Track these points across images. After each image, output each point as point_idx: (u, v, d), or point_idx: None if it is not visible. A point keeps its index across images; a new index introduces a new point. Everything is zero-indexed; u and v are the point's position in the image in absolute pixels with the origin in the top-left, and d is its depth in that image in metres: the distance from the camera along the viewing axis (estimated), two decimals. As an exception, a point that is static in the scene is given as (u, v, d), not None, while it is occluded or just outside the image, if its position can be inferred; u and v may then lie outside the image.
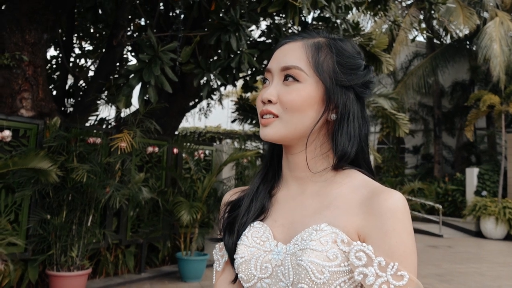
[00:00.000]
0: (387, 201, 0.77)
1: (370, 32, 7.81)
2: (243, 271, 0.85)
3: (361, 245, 0.76)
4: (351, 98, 0.87)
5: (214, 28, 5.38)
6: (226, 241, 0.93)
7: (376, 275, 0.73)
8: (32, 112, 5.04)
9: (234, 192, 1.02)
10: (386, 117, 9.17)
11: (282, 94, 0.85)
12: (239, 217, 0.92)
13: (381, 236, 0.75)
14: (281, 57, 0.88)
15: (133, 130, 5.00)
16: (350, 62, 0.88)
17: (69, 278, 4.87)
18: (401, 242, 0.75)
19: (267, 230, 0.88)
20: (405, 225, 0.76)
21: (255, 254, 0.85)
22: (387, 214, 0.76)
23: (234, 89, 13.32)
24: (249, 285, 0.85)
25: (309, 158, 0.87)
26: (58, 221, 4.92)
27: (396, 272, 0.73)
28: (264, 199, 0.93)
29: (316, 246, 0.76)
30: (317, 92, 0.84)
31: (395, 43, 15.05)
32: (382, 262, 0.73)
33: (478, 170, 13.17)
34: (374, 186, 0.82)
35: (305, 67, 0.85)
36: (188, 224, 6.04)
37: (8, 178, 4.63)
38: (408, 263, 0.74)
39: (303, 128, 0.85)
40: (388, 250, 0.74)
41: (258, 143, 12.39)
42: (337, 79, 0.85)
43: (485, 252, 9.83)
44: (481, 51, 12.57)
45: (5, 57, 4.65)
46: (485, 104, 12.08)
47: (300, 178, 0.89)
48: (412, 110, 17.77)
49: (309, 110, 0.84)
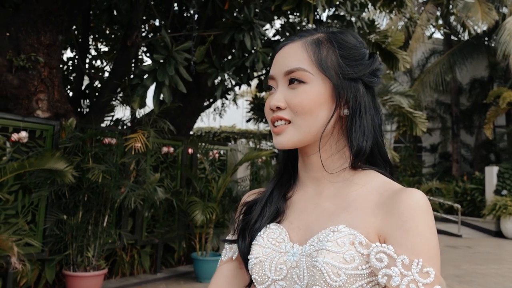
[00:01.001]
0: (407, 200, 0.73)
1: (386, 30, 7.72)
2: (256, 272, 0.82)
3: (380, 246, 0.72)
4: (360, 90, 0.84)
5: (228, 27, 5.36)
6: (239, 245, 0.90)
7: (401, 274, 0.69)
8: (48, 113, 5.08)
9: (252, 193, 1.00)
10: (403, 116, 9.05)
11: (289, 98, 0.82)
12: (251, 222, 0.90)
13: (402, 235, 0.72)
14: (282, 61, 0.85)
15: (147, 130, 5.01)
16: (353, 53, 0.84)
17: (86, 278, 4.90)
18: (424, 240, 0.71)
19: (283, 231, 0.85)
20: (428, 222, 0.73)
21: (270, 255, 0.82)
22: (408, 213, 0.72)
23: (248, 89, 13.30)
24: (262, 287, 0.82)
25: (325, 157, 0.84)
26: (74, 222, 4.95)
27: (422, 269, 0.68)
28: (278, 202, 0.91)
29: (332, 247, 0.73)
30: (325, 90, 0.82)
31: (411, 40, 14.87)
32: (406, 260, 0.69)
33: (498, 168, 12.91)
34: (394, 186, 0.79)
35: (309, 67, 0.82)
36: (203, 224, 6.03)
37: (25, 179, 4.67)
38: (432, 260, 0.70)
39: (316, 129, 0.82)
40: (411, 248, 0.70)
41: (273, 143, 12.37)
42: (343, 73, 0.82)
43: (506, 252, 9.64)
44: (500, 47, 12.34)
45: (21, 59, 4.70)
46: (505, 101, 11.86)
47: (317, 179, 0.87)
48: (429, 108, 17.55)
49: (320, 110, 0.81)
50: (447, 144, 18.04)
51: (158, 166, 6.34)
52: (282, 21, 7.69)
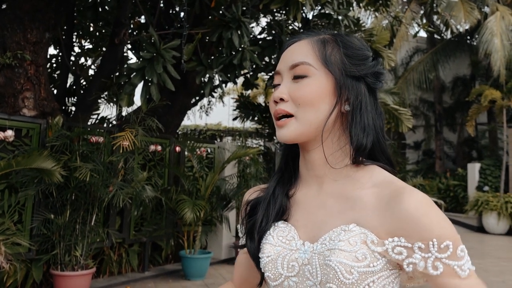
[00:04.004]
0: (410, 205, 0.75)
1: (371, 28, 7.78)
2: (269, 270, 0.85)
3: (393, 241, 0.75)
4: (362, 89, 0.86)
5: (216, 25, 5.36)
6: (248, 246, 0.92)
7: (423, 258, 0.73)
8: (35, 112, 5.02)
9: (253, 190, 1.02)
10: (388, 113, 9.15)
11: (293, 90, 0.85)
12: (257, 222, 0.92)
13: (410, 228, 0.74)
14: (289, 56, 0.88)
15: (135, 129, 4.98)
16: (357, 53, 0.88)
17: (74, 277, 4.86)
18: (430, 222, 0.74)
19: (292, 229, 0.88)
20: (431, 211, 0.76)
21: (282, 253, 0.84)
22: (413, 215, 0.75)
23: (234, 86, 13.31)
24: (276, 283, 0.85)
25: (328, 154, 0.86)
26: (61, 221, 4.90)
27: (440, 246, 0.72)
28: (282, 200, 0.92)
29: (344, 247, 0.75)
30: (328, 84, 0.84)
31: (396, 39, 15.02)
32: (422, 245, 0.73)
33: (480, 165, 13.16)
34: (396, 185, 0.81)
35: (313, 61, 0.84)
36: (192, 222, 6.04)
37: (11, 178, 4.61)
38: (445, 233, 0.74)
39: (318, 122, 0.84)
40: (421, 235, 0.73)
41: (259, 140, 12.38)
42: (346, 70, 0.85)
43: (488, 247, 9.84)
44: (482, 46, 12.54)
45: (7, 57, 4.63)
46: (487, 99, 12.06)
47: (319, 177, 0.88)
48: (413, 106, 17.76)
49: (321, 103, 0.84)
50: (431, 141, 18.29)
51: (146, 165, 6.32)
52: (268, 19, 7.70)
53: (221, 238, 7.38)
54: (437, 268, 0.72)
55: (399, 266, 0.79)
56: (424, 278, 0.79)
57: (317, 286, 0.79)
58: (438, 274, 0.73)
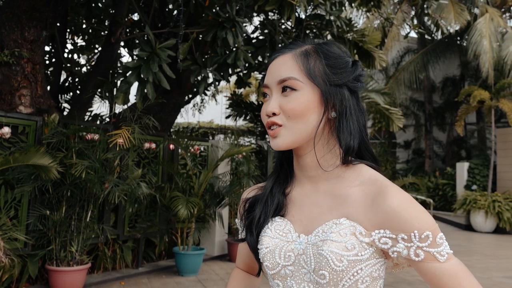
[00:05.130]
0: (393, 201, 0.85)
1: (363, 29, 7.89)
2: (268, 259, 0.94)
3: (379, 233, 0.85)
4: (345, 94, 0.94)
5: (210, 24, 5.43)
6: (248, 239, 1.02)
7: (406, 247, 0.83)
8: (31, 109, 5.07)
9: (252, 189, 1.11)
10: (379, 112, 9.29)
11: (283, 104, 0.92)
12: (255, 218, 1.01)
13: (394, 221, 0.85)
14: (275, 71, 0.95)
15: (131, 127, 5.05)
16: (338, 62, 0.95)
17: (69, 273, 4.92)
18: (412, 214, 0.84)
19: (288, 223, 0.97)
20: (412, 206, 0.85)
21: (279, 245, 0.94)
22: (395, 212, 0.85)
23: (227, 85, 13.37)
24: (273, 272, 0.94)
25: (319, 157, 0.95)
26: (57, 217, 4.96)
27: (420, 236, 0.83)
28: (279, 198, 1.02)
29: (335, 238, 0.85)
30: (314, 96, 0.92)
31: (387, 39, 15.18)
32: (405, 236, 0.83)
33: (468, 164, 13.36)
34: (382, 183, 0.90)
35: (299, 76, 0.92)
36: (185, 219, 6.12)
37: (8, 174, 4.66)
38: (425, 223, 0.84)
39: (308, 131, 0.92)
40: (405, 227, 0.84)
41: (251, 138, 12.47)
42: (329, 80, 0.93)
43: (475, 245, 10.02)
44: (471, 47, 12.74)
45: (5, 54, 4.67)
46: (475, 100, 12.25)
47: (312, 177, 0.98)
48: (403, 105, 17.96)
49: (310, 114, 0.92)
50: (420, 141, 18.52)
51: (140, 162, 6.38)
52: (261, 18, 7.77)
53: (214, 235, 7.47)
54: (419, 255, 0.83)
55: (385, 255, 0.89)
56: (408, 263, 0.91)
57: (311, 273, 0.88)
58: (420, 260, 0.84)
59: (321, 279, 0.86)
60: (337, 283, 0.85)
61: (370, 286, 0.87)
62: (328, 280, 0.85)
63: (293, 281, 0.92)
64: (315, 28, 7.58)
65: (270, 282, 0.98)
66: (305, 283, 0.90)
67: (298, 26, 7.44)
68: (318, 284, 0.87)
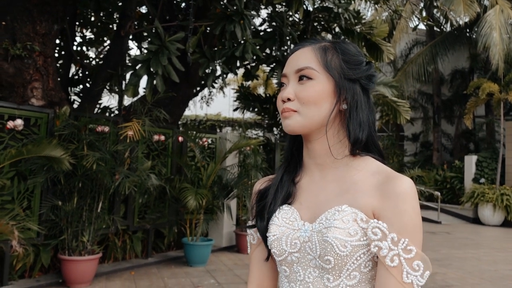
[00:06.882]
0: (400, 186, 0.90)
1: (371, 21, 7.87)
2: (275, 247, 0.99)
3: (377, 223, 0.89)
4: (357, 90, 1.01)
5: (218, 17, 5.47)
6: (258, 225, 1.07)
7: (389, 248, 0.87)
8: (43, 101, 5.15)
9: (263, 181, 1.16)
10: (387, 105, 9.28)
11: (298, 91, 0.99)
12: (267, 205, 1.07)
13: (393, 215, 0.89)
14: (294, 61, 1.02)
15: (141, 119, 5.12)
16: (353, 59, 1.02)
17: (81, 262, 5.02)
18: (411, 221, 0.88)
19: (294, 212, 1.02)
20: (414, 206, 0.90)
21: (285, 232, 0.99)
22: (399, 197, 0.89)
23: (235, 77, 13.40)
24: (280, 258, 1.00)
25: (329, 144, 1.00)
26: (69, 207, 5.06)
27: (406, 247, 0.86)
28: (289, 186, 1.07)
29: (339, 224, 0.90)
30: (328, 86, 0.98)
31: (395, 31, 15.11)
32: (395, 238, 0.87)
33: (477, 157, 13.32)
34: (388, 172, 0.96)
35: (316, 66, 0.99)
36: (194, 210, 6.20)
37: (20, 165, 4.76)
38: (416, 239, 0.88)
39: (319, 118, 0.98)
40: (400, 228, 0.88)
41: (258, 131, 12.51)
42: (344, 73, 0.99)
43: (483, 238, 10.03)
44: (481, 39, 12.62)
45: (17, 48, 4.75)
46: (484, 92, 12.17)
47: (321, 165, 1.03)
48: (411, 98, 17.87)
49: (323, 102, 0.98)
50: (428, 134, 18.44)
51: (150, 154, 6.46)
52: (269, 10, 7.78)
53: (222, 226, 7.56)
54: (394, 261, 0.86)
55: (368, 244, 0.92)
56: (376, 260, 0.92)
57: (317, 259, 0.93)
58: (391, 266, 0.86)
59: (326, 264, 0.91)
60: (342, 267, 0.90)
61: (373, 270, 0.92)
62: (333, 265, 0.90)
63: (299, 267, 0.97)
64: (323, 20, 7.59)
65: (278, 268, 1.03)
66: (311, 268, 0.95)
67: (306, 19, 7.45)
68: (323, 269, 0.92)
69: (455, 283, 5.71)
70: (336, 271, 0.91)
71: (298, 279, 0.97)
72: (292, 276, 0.99)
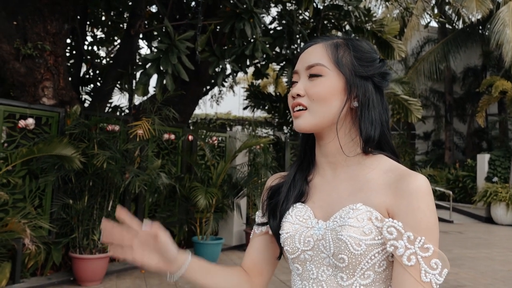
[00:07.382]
0: (413, 183, 0.88)
1: (382, 19, 7.82)
2: (288, 244, 0.98)
3: (392, 222, 0.87)
4: (370, 87, 0.98)
5: (228, 16, 5.45)
6: (271, 224, 1.06)
7: (405, 247, 0.85)
8: (54, 101, 5.18)
9: (275, 177, 1.14)
10: (398, 103, 9.20)
11: (308, 87, 0.97)
12: (279, 203, 1.05)
13: (408, 213, 0.87)
14: (306, 58, 1.00)
15: (151, 118, 5.14)
16: (366, 56, 1.00)
17: (92, 260, 5.05)
18: (426, 218, 0.86)
19: (308, 210, 1.00)
20: (429, 203, 0.88)
21: (299, 230, 0.98)
22: (413, 195, 0.87)
23: (244, 76, 13.40)
24: (293, 256, 0.98)
25: (341, 144, 0.99)
26: (80, 206, 5.09)
27: (423, 245, 0.84)
28: (301, 185, 1.06)
29: (353, 223, 0.88)
30: (339, 83, 0.96)
31: (407, 29, 14.98)
32: (411, 236, 0.85)
33: (489, 156, 13.16)
34: (402, 169, 0.94)
35: (327, 63, 0.97)
36: (204, 209, 6.20)
37: (32, 164, 4.80)
38: (432, 237, 0.86)
39: (330, 116, 0.96)
40: (415, 226, 0.86)
41: (269, 130, 12.50)
42: (355, 71, 0.97)
43: (495, 237, 9.91)
44: (494, 36, 12.47)
45: (28, 47, 4.79)
46: (497, 90, 12.03)
47: (333, 163, 1.01)
48: (423, 96, 17.73)
49: (333, 99, 0.96)
50: (440, 132, 18.28)
51: (160, 153, 6.48)
52: (278, 8, 7.75)
53: (231, 225, 7.56)
54: (411, 260, 0.84)
55: None
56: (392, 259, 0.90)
57: (330, 257, 0.92)
58: (409, 265, 0.84)
59: (340, 263, 0.89)
60: (356, 266, 0.88)
61: (387, 269, 0.90)
62: (347, 263, 0.88)
63: (312, 265, 0.95)
64: (333, 18, 7.53)
65: (291, 266, 1.02)
66: (324, 267, 0.93)
67: (316, 17, 7.40)
68: (337, 267, 0.91)
69: (467, 283, 5.64)
70: (350, 270, 0.89)
71: (311, 277, 0.96)
72: (304, 274, 0.97)
